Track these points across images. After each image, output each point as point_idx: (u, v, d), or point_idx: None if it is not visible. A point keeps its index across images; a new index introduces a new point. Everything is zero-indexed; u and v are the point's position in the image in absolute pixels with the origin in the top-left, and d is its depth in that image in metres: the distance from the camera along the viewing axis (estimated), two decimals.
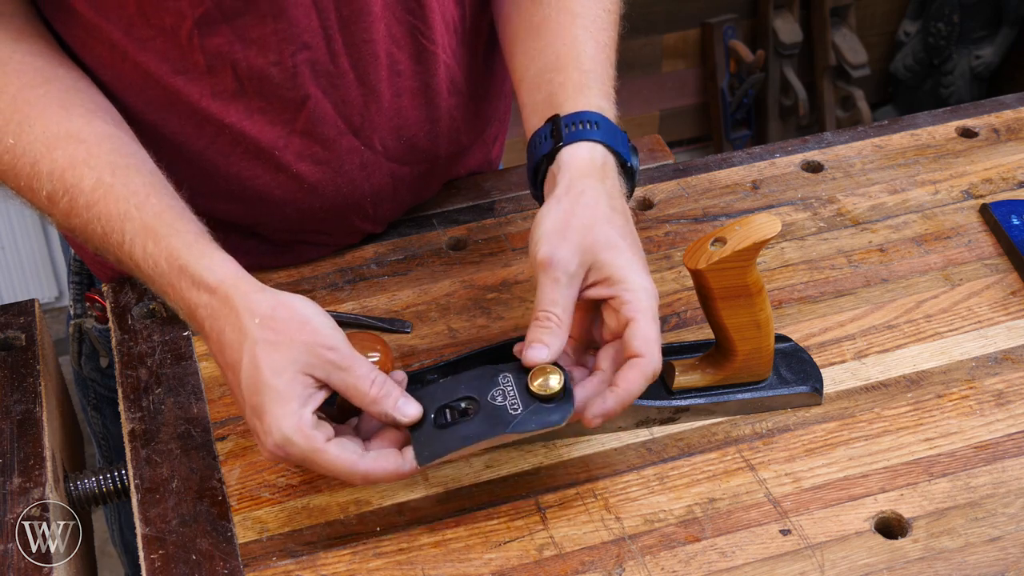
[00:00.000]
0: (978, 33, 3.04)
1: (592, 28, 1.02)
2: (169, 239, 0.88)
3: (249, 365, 0.83)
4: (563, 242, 0.87)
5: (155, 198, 0.90)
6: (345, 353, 0.83)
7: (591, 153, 0.92)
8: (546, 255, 0.87)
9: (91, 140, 0.92)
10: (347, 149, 1.06)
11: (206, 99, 0.99)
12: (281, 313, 0.83)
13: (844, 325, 1.06)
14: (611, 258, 0.87)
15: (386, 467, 0.84)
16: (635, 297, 0.87)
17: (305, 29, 0.97)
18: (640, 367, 0.85)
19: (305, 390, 0.82)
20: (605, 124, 0.94)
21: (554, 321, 0.86)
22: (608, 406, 0.85)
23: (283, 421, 0.82)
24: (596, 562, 0.86)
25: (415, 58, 1.05)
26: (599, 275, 0.88)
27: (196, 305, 0.87)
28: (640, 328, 0.86)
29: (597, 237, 0.87)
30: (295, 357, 0.82)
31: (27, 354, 1.04)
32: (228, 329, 0.84)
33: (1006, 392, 0.99)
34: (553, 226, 0.88)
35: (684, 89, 3.04)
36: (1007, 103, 1.34)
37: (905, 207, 1.20)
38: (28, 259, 2.47)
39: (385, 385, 0.84)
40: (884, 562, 0.85)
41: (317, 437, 0.82)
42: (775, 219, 0.89)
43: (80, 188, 0.91)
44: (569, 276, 0.87)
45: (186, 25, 0.94)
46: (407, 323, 1.07)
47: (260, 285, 0.86)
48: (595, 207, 0.89)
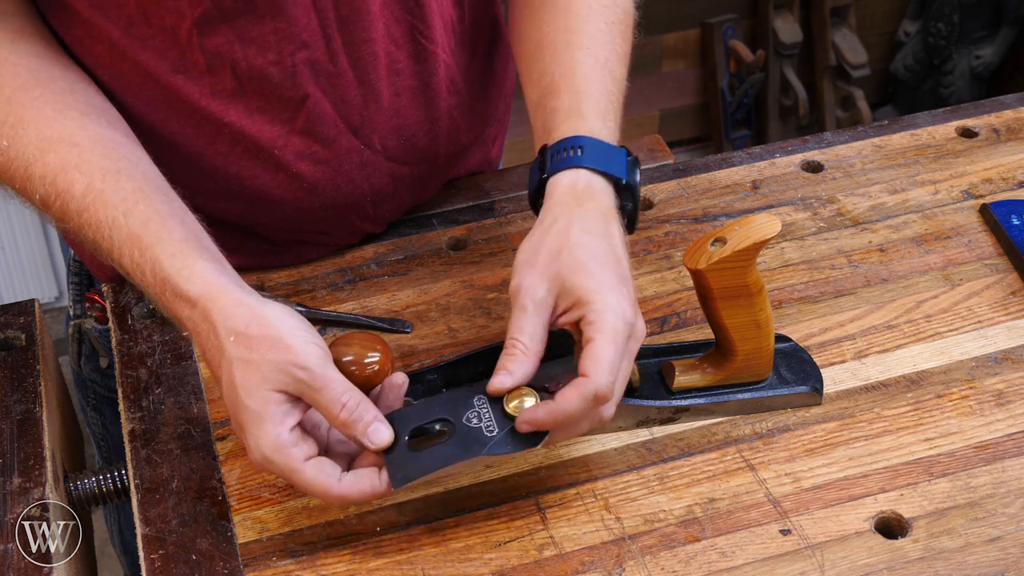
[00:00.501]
0: (978, 33, 3.04)
1: (591, 45, 1.01)
2: (153, 249, 0.88)
3: (227, 385, 0.84)
4: (530, 270, 0.87)
5: (143, 204, 0.90)
6: (317, 373, 0.82)
7: (573, 180, 0.92)
8: (514, 285, 0.88)
9: (83, 144, 0.92)
10: (347, 148, 1.06)
11: (205, 98, 0.99)
12: (254, 330, 0.83)
13: (844, 325, 1.06)
14: (580, 281, 0.86)
15: (362, 489, 0.83)
16: (598, 317, 0.85)
17: (304, 28, 0.97)
18: (579, 387, 0.83)
19: (280, 408, 0.82)
20: (591, 146, 0.93)
21: (519, 348, 0.86)
22: (538, 415, 0.84)
23: (261, 440, 0.82)
24: (596, 562, 0.86)
25: (414, 57, 1.05)
26: (569, 300, 0.87)
27: (181, 317, 0.87)
28: (592, 348, 0.84)
29: (564, 262, 0.87)
30: (267, 376, 0.82)
31: (27, 354, 1.04)
32: (208, 346, 0.86)
33: (1006, 392, 0.99)
34: (524, 257, 0.89)
35: (684, 89, 3.04)
36: (1007, 103, 1.34)
37: (905, 207, 1.20)
38: (28, 259, 2.47)
39: (357, 409, 0.83)
40: (884, 562, 0.85)
41: (296, 457, 0.82)
42: (775, 219, 0.89)
43: (71, 193, 0.91)
44: (536, 304, 0.86)
45: (185, 24, 0.94)
46: (407, 323, 1.07)
47: (239, 295, 0.86)
48: (565, 234, 0.88)
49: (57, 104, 0.94)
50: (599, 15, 1.03)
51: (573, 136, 0.94)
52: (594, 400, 0.83)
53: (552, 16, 1.03)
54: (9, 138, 0.92)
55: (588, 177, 0.92)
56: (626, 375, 0.87)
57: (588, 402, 0.83)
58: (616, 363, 0.84)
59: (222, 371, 0.84)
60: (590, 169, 0.92)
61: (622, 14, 1.05)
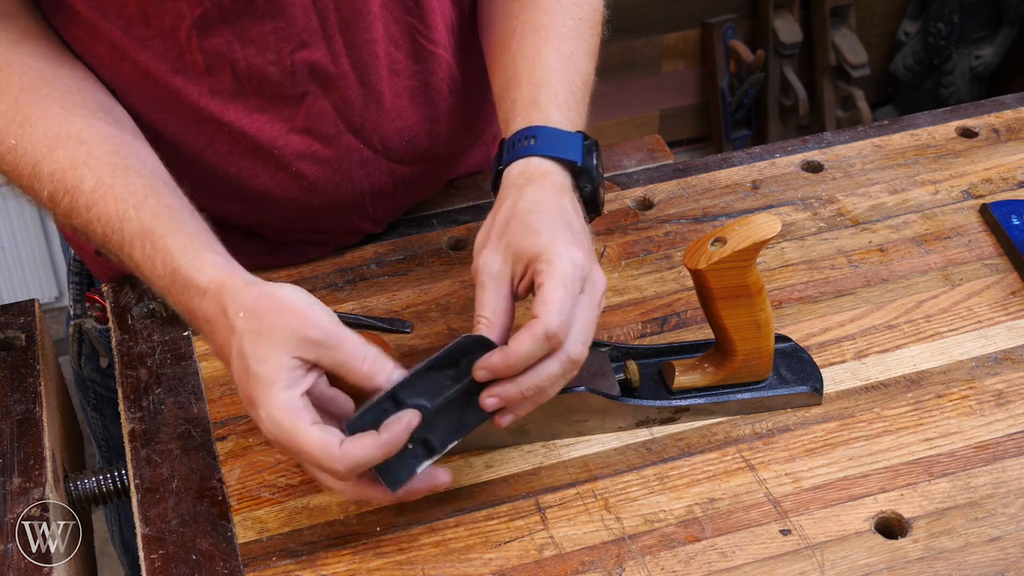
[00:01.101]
0: (978, 33, 3.04)
1: (556, 39, 1.02)
2: (164, 240, 0.88)
3: (238, 359, 0.83)
4: (483, 249, 0.89)
5: (153, 199, 0.90)
6: (331, 332, 0.82)
7: (523, 168, 0.94)
8: (473, 268, 0.90)
9: (92, 141, 0.93)
10: (347, 148, 1.06)
11: (205, 98, 0.99)
12: (263, 303, 0.83)
13: (844, 325, 1.06)
14: (529, 242, 0.87)
15: (365, 449, 0.81)
16: (547, 266, 0.85)
17: (304, 28, 0.98)
18: (530, 328, 0.83)
19: (292, 373, 0.82)
20: (544, 134, 0.95)
21: (483, 324, 0.86)
22: (492, 360, 0.84)
23: (269, 403, 0.81)
24: (596, 562, 0.86)
25: (414, 58, 1.06)
26: (523, 263, 0.88)
27: (192, 308, 0.87)
28: (541, 292, 0.84)
29: (513, 230, 0.88)
30: (279, 341, 0.82)
31: (27, 354, 1.04)
32: (219, 329, 0.85)
33: (1006, 392, 0.99)
34: (479, 240, 0.91)
35: (684, 89, 3.04)
36: (1007, 103, 1.34)
37: (905, 207, 1.20)
38: (28, 259, 2.47)
39: (378, 360, 0.83)
40: (884, 562, 0.85)
41: (303, 418, 0.81)
42: (775, 219, 0.89)
43: (80, 189, 0.91)
44: (493, 277, 0.88)
45: (184, 25, 0.94)
46: (407, 323, 1.07)
47: (249, 279, 0.86)
48: (512, 207, 0.90)
49: (64, 102, 0.94)
50: (567, 11, 1.04)
51: (527, 127, 0.96)
52: (546, 340, 0.83)
53: (520, 9, 1.04)
54: (17, 136, 0.93)
55: (539, 162, 0.94)
56: (587, 323, 0.86)
57: (540, 342, 0.83)
58: (566, 303, 0.84)
59: (232, 348, 0.83)
60: (543, 156, 0.94)
61: (591, 11, 1.06)
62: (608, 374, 0.97)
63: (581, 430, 0.96)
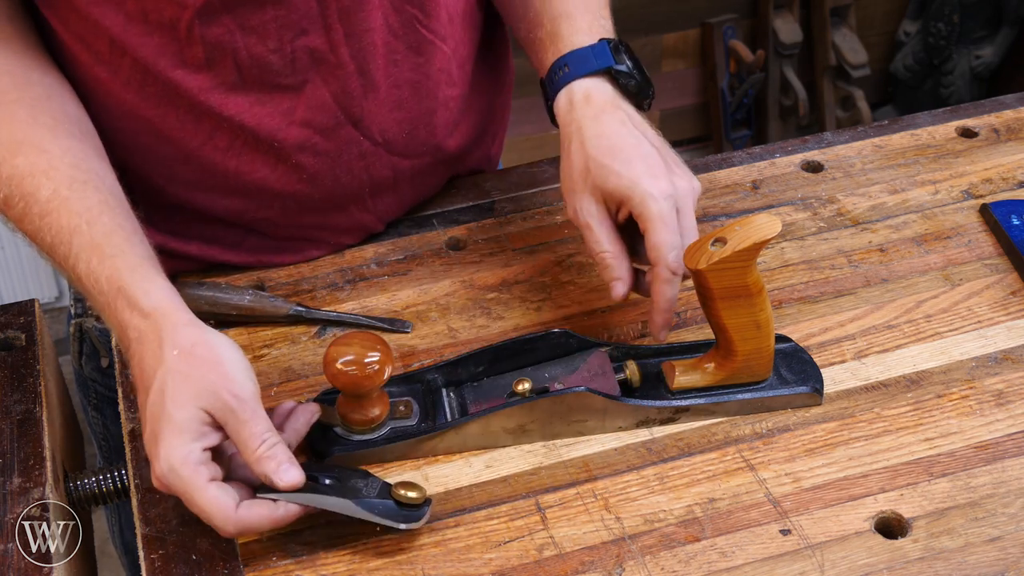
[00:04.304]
0: (978, 33, 3.04)
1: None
2: (114, 259, 0.89)
3: (157, 392, 0.84)
4: (574, 195, 0.98)
5: (107, 216, 0.92)
6: (249, 406, 0.84)
7: (568, 96, 1.01)
8: (570, 212, 0.99)
9: (54, 151, 0.94)
10: (346, 140, 1.06)
11: (205, 92, 0.99)
12: (200, 351, 0.85)
13: (844, 325, 1.06)
14: (613, 184, 0.95)
15: (260, 514, 0.84)
16: (642, 209, 0.94)
17: (304, 15, 0.98)
18: (658, 276, 0.94)
19: (200, 427, 0.83)
20: (573, 59, 1.02)
21: (609, 256, 0.96)
22: (655, 320, 0.96)
23: (172, 451, 0.82)
24: (596, 562, 0.86)
25: (414, 49, 1.06)
26: (615, 202, 0.96)
27: (127, 326, 0.88)
28: (650, 237, 0.94)
29: (596, 175, 0.96)
30: (199, 393, 0.83)
31: (27, 354, 1.04)
32: (148, 355, 0.86)
33: (1006, 392, 0.99)
34: (565, 185, 1.00)
35: (684, 89, 3.04)
36: (1007, 103, 1.34)
37: (905, 207, 1.20)
38: (28, 259, 2.46)
39: (274, 448, 0.84)
40: (884, 562, 0.85)
41: (201, 473, 0.83)
42: (775, 219, 0.89)
43: (36, 197, 0.92)
44: (596, 218, 0.97)
45: (186, 16, 0.95)
46: (407, 323, 1.07)
47: (193, 319, 0.88)
48: (581, 151, 0.98)
49: (32, 109, 0.95)
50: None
51: (557, 59, 1.03)
52: (673, 276, 0.94)
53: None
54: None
55: (578, 86, 1.01)
56: (693, 233, 0.95)
57: (672, 281, 0.94)
58: (674, 239, 0.94)
59: (154, 379, 0.85)
60: (578, 77, 1.01)
61: None
62: (608, 374, 0.97)
63: (581, 430, 0.96)
